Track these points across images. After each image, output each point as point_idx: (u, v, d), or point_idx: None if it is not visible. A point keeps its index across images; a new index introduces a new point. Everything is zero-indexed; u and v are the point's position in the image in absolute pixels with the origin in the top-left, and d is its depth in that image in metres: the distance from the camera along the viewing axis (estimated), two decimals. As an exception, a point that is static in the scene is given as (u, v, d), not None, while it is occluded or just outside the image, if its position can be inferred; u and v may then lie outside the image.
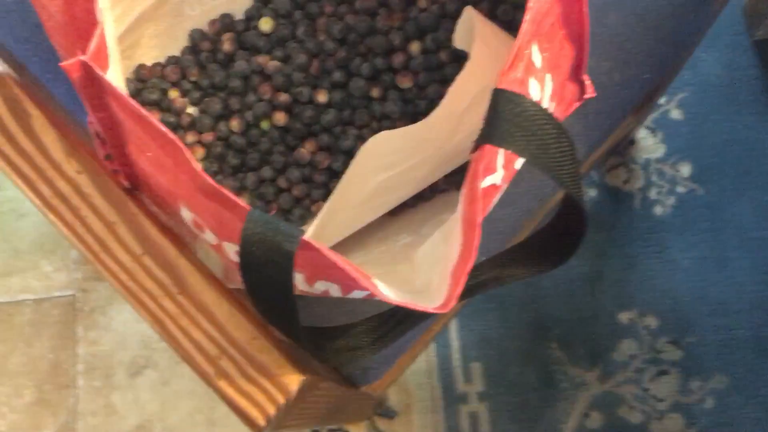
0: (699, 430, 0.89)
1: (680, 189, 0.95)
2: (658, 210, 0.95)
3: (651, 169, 0.97)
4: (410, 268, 0.45)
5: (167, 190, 0.36)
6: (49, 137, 0.41)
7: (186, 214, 0.37)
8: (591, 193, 0.96)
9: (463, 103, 0.47)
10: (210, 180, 0.29)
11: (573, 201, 0.31)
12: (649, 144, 0.97)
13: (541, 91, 0.38)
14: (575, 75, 0.51)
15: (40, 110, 0.41)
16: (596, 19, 0.59)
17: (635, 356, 0.91)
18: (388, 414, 0.91)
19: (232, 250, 0.36)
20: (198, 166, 0.30)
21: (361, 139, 0.55)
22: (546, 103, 0.40)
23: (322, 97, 0.55)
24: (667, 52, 0.60)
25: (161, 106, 0.58)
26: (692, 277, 0.92)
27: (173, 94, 0.58)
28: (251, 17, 0.59)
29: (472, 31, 0.51)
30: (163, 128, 0.29)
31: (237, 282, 0.44)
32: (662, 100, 0.98)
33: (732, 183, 0.95)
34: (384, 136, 0.46)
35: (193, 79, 0.58)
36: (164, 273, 0.38)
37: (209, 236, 0.37)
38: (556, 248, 0.36)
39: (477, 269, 0.39)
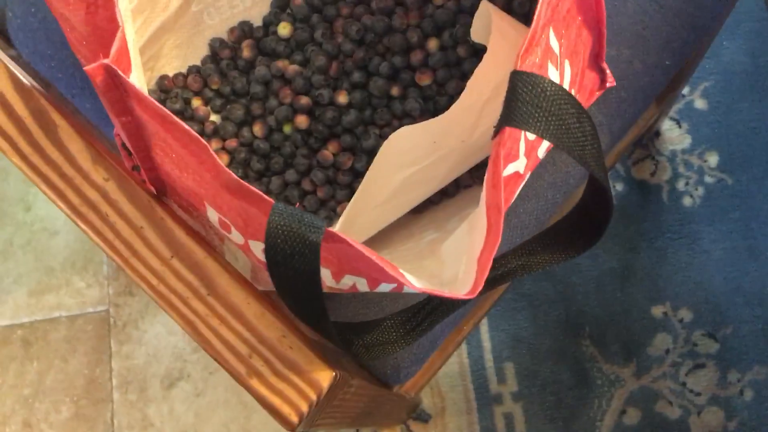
0: (739, 422, 0.87)
1: (708, 179, 0.94)
2: (687, 201, 0.94)
3: (678, 161, 0.95)
4: (437, 263, 0.45)
5: (193, 192, 0.37)
6: (76, 146, 0.41)
7: (212, 215, 0.37)
8: (618, 187, 0.95)
9: (484, 95, 0.47)
10: (233, 175, 0.30)
11: (597, 183, 0.31)
12: (674, 135, 0.96)
13: (560, 78, 0.38)
14: (595, 63, 0.50)
15: (67, 121, 0.42)
16: (614, 6, 0.59)
17: (670, 350, 0.90)
18: (423, 417, 0.91)
19: (258, 248, 0.37)
20: (221, 163, 0.30)
21: (383, 138, 0.55)
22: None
23: (342, 98, 0.55)
24: (688, 37, 0.60)
25: (185, 115, 0.58)
26: (725, 267, 0.91)
27: (196, 102, 0.58)
28: (269, 23, 0.60)
29: (489, 24, 0.51)
30: (185, 126, 0.30)
31: (265, 283, 0.44)
32: (686, 90, 0.97)
33: (761, 171, 0.93)
34: (405, 131, 0.46)
35: (214, 87, 0.58)
36: (193, 275, 0.39)
37: (236, 236, 0.37)
38: (583, 233, 0.35)
39: (504, 257, 0.39)
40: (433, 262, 0.46)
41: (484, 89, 0.47)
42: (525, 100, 0.29)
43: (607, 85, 0.55)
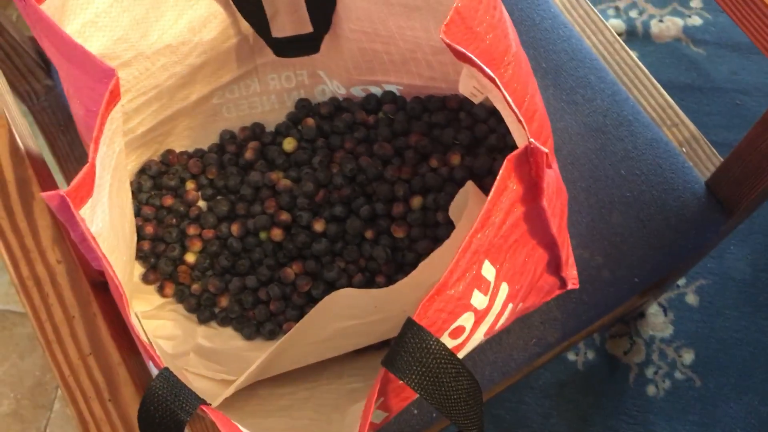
0: None
1: (678, 375, 0.94)
2: (651, 390, 0.94)
3: (654, 347, 0.96)
4: (340, 421, 0.47)
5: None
6: (44, 222, 0.44)
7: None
8: (589, 355, 0.96)
9: (434, 276, 0.49)
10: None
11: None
12: (658, 321, 0.97)
13: (490, 300, 0.40)
14: (555, 272, 0.52)
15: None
16: (600, 215, 0.61)
17: None
18: None
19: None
20: (132, 318, 0.32)
21: (346, 273, 0.57)
22: (496, 306, 0.41)
23: (318, 227, 0.58)
24: (663, 261, 0.61)
25: (177, 193, 0.61)
26: (668, 467, 0.90)
27: (190, 185, 0.61)
28: (279, 132, 0.63)
29: (465, 207, 0.53)
30: (112, 272, 0.32)
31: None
32: (681, 281, 0.98)
33: (730, 382, 0.93)
34: (346, 292, 0.48)
35: (210, 177, 0.61)
36: (103, 377, 0.41)
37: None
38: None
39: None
40: (339, 418, 0.47)
41: (435, 270, 0.48)
42: (409, 351, 0.31)
43: (569, 286, 0.57)
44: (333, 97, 0.63)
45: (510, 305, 0.45)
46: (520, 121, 0.34)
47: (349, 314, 0.49)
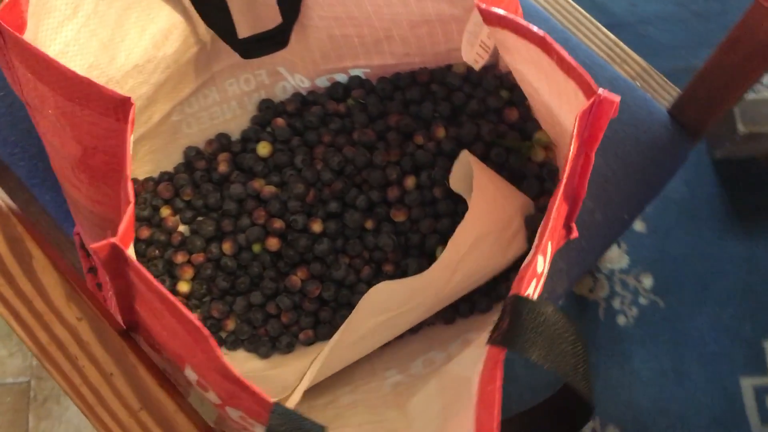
0: None
1: (642, 300, 0.98)
2: (621, 320, 0.97)
3: (615, 279, 0.99)
4: (403, 418, 0.45)
5: (176, 353, 0.36)
6: (50, 279, 0.40)
7: (191, 375, 0.36)
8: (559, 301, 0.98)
9: (461, 252, 0.48)
10: (234, 372, 0.29)
11: (584, 400, 0.32)
12: (614, 254, 1.00)
13: (545, 262, 0.40)
14: (566, 222, 0.52)
15: (43, 250, 0.40)
16: (582, 160, 0.61)
17: (596, 466, 0.92)
18: None
19: (235, 414, 0.36)
20: (223, 358, 0.30)
21: (353, 269, 0.55)
22: (547, 265, 0.41)
23: (317, 227, 0.55)
24: (645, 192, 0.63)
25: (152, 222, 0.57)
26: (652, 389, 0.94)
27: (165, 212, 0.57)
28: (248, 138, 0.60)
29: (470, 178, 0.53)
30: (190, 316, 0.29)
31: (232, 428, 0.43)
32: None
33: (690, 297, 0.98)
34: (384, 286, 0.46)
35: (186, 198, 0.57)
36: (161, 430, 0.38)
37: (212, 396, 0.37)
38: (557, 424, 0.36)
39: None
40: (399, 415, 0.46)
41: (461, 247, 0.48)
42: (528, 327, 0.30)
43: (572, 236, 0.57)
44: (296, 93, 0.60)
45: (549, 263, 0.45)
46: (575, 72, 0.33)
47: (383, 308, 0.48)
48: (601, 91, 0.33)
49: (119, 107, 0.33)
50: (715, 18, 1.09)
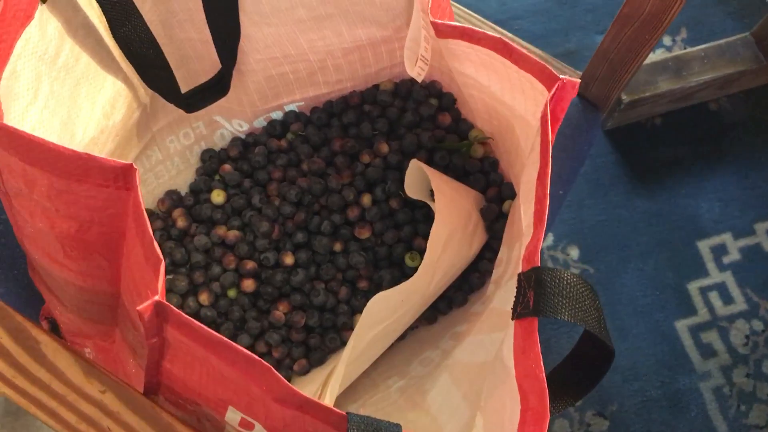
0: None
1: (574, 270, 1.04)
2: (559, 293, 1.03)
3: (545, 257, 1.05)
4: (426, 417, 0.48)
5: (216, 399, 0.37)
6: (64, 361, 0.40)
7: (233, 416, 0.37)
8: (497, 287, 1.03)
9: (437, 252, 0.51)
10: (303, 394, 0.31)
11: (605, 345, 0.36)
12: (538, 234, 1.06)
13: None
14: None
15: (47, 334, 0.40)
16: (512, 149, 0.66)
17: (568, 434, 0.97)
18: None
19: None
20: (287, 383, 0.31)
21: (331, 292, 0.57)
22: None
23: (289, 260, 0.57)
24: (571, 166, 0.69)
25: (120, 291, 0.57)
26: (602, 349, 1.01)
27: (133, 278, 0.57)
28: (198, 190, 0.60)
29: (423, 184, 0.56)
30: (246, 351, 0.31)
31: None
32: (541, 194, 1.08)
33: (614, 259, 1.05)
34: (381, 296, 0.48)
35: (151, 260, 0.58)
36: (211, 479, 0.38)
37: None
38: (576, 382, 0.40)
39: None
40: (420, 416, 0.48)
41: (437, 247, 0.51)
42: (554, 292, 0.33)
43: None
44: (235, 138, 0.62)
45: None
46: (536, 65, 0.37)
47: (380, 318, 0.50)
48: (563, 77, 0.37)
49: (120, 176, 0.34)
50: (577, 2, 1.19)
